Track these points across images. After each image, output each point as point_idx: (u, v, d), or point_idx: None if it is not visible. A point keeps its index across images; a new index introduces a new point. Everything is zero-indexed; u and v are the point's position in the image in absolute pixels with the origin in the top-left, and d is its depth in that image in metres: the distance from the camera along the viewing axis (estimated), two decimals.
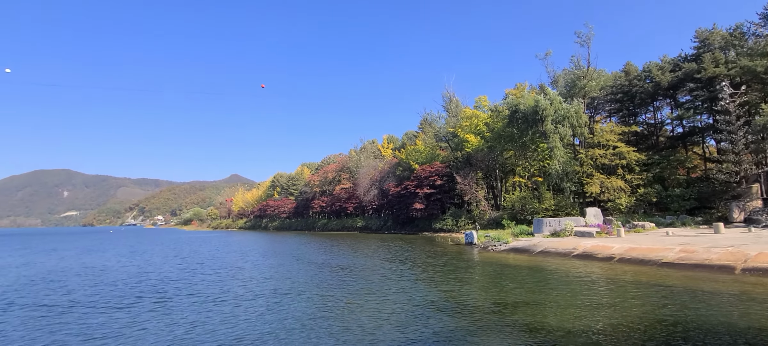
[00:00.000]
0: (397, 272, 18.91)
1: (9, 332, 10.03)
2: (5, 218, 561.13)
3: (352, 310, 11.58)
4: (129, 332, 9.96)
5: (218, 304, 13.10)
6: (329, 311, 11.59)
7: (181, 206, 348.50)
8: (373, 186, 72.23)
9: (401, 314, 10.89)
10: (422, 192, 56.20)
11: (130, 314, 11.72)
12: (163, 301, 13.56)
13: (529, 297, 12.45)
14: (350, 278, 17.27)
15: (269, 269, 21.52)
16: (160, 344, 8.99)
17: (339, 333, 9.24)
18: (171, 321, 10.96)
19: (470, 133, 52.06)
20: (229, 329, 10.08)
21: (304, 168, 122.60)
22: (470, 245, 32.37)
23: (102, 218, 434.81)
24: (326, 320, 10.41)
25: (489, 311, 10.86)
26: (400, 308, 11.53)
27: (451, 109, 59.21)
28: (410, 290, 14.22)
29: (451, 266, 20.33)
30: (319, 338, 8.99)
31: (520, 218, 39.54)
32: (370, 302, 12.44)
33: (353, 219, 79.11)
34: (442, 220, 52.82)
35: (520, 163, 49.19)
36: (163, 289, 15.68)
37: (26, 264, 26.23)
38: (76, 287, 16.30)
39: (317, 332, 9.37)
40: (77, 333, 9.71)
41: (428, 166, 57.42)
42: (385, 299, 12.76)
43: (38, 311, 12.19)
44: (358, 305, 12.21)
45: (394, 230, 64.25)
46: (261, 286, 16.21)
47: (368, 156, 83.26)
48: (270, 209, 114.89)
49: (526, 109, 39.14)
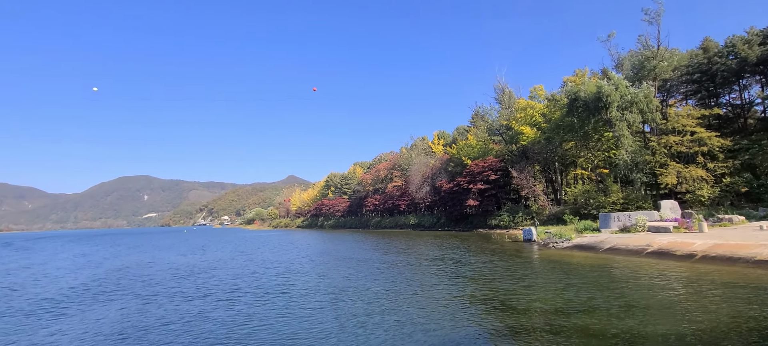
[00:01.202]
0: (452, 269, 18.63)
1: (107, 316, 11.37)
2: (98, 220, 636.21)
3: (405, 306, 11.60)
4: (196, 321, 10.93)
5: (277, 297, 13.86)
6: (382, 306, 11.71)
7: (244, 207, 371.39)
8: (424, 183, 71.83)
9: (456, 311, 10.71)
10: (475, 188, 54.83)
11: (199, 306, 12.76)
12: (228, 294, 14.57)
13: (597, 297, 11.66)
14: (404, 275, 17.32)
15: (325, 265, 22.23)
16: (220, 333, 9.69)
17: (391, 328, 9.31)
18: (233, 313, 11.82)
19: (525, 124, 49.81)
20: (286, 321, 10.68)
21: (357, 167, 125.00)
22: (529, 241, 31.05)
23: (177, 218, 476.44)
24: (379, 316, 10.52)
25: (552, 311, 10.33)
26: (455, 305, 11.35)
27: (504, 100, 57.08)
28: (466, 287, 13.94)
29: (509, 264, 19.63)
30: (371, 332, 9.13)
31: (583, 212, 37.15)
32: (424, 299, 12.38)
33: (406, 216, 79.27)
34: (498, 216, 51.15)
35: (581, 154, 46.17)
36: (229, 283, 16.82)
37: (124, 260, 29.52)
38: (160, 280, 18.02)
39: (370, 327, 9.52)
40: (155, 321, 10.72)
41: (481, 161, 55.87)
42: (440, 296, 12.63)
43: (130, 300, 13.66)
44: (412, 301, 12.20)
45: (447, 227, 63.41)
46: (317, 282, 16.79)
47: (419, 153, 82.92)
48: (325, 208, 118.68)
49: (588, 96, 36.58)
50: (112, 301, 14.07)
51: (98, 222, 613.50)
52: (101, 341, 9.37)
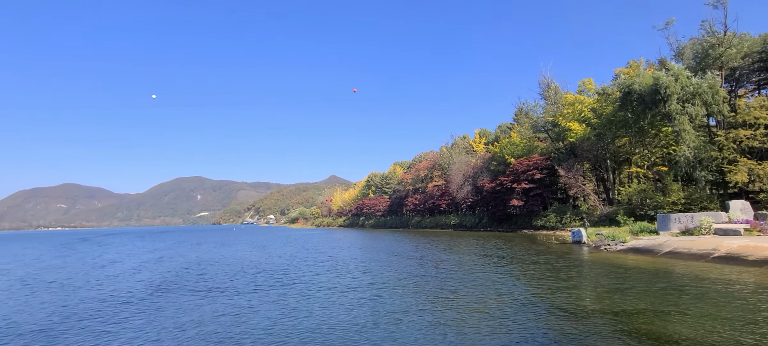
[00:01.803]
0: (495, 270, 18.16)
1: (160, 309, 12.27)
2: (157, 218, 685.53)
3: (442, 305, 11.45)
4: (244, 313, 11.54)
5: (319, 292, 14.32)
6: (421, 305, 11.63)
7: (289, 206, 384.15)
8: (466, 182, 70.58)
9: (497, 312, 10.43)
10: (520, 187, 53.07)
11: (247, 299, 13.41)
12: (274, 288, 15.18)
13: (657, 304, 10.88)
14: (444, 275, 17.12)
15: (366, 263, 22.49)
16: (265, 324, 10.15)
17: (425, 326, 9.24)
18: (278, 305, 12.34)
19: (573, 120, 47.47)
20: (326, 314, 11.08)
21: (397, 167, 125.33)
22: (578, 243, 29.60)
23: (226, 217, 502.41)
24: (415, 313, 10.47)
25: (604, 317, 9.78)
26: (495, 306, 11.05)
27: (550, 96, 54.73)
28: (509, 288, 13.53)
29: (557, 266, 18.80)
30: (405, 328, 9.12)
31: (639, 213, 34.78)
32: (463, 298, 12.15)
33: (446, 216, 78.34)
34: (544, 216, 49.19)
35: (636, 151, 43.26)
36: (275, 278, 17.50)
37: (186, 257, 31.74)
38: (212, 275, 19.14)
39: (405, 324, 9.51)
40: (208, 313, 11.40)
41: (525, 159, 53.98)
42: (480, 297, 12.35)
43: (188, 293, 14.65)
44: (451, 300, 12.02)
45: (489, 227, 61.92)
46: (358, 278, 17.02)
47: (460, 152, 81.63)
48: (366, 207, 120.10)
49: (643, 89, 34.19)
50: (171, 293, 15.13)
51: (157, 220, 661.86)
52: (162, 331, 10.11)
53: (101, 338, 9.58)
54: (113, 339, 9.43)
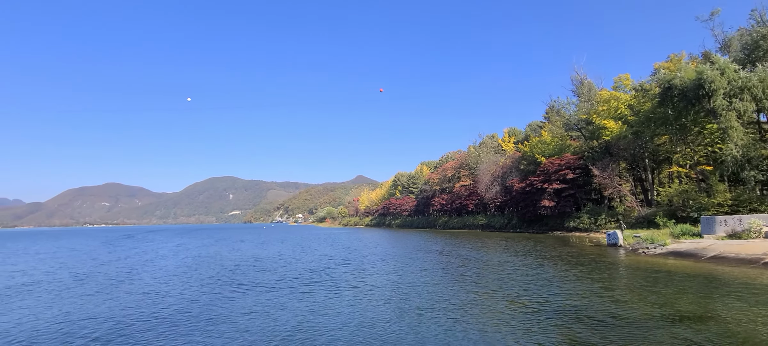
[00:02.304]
0: (525, 271, 17.72)
1: (201, 299, 12.79)
2: (192, 216, 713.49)
3: (469, 305, 11.28)
4: (273, 309, 11.89)
5: (347, 290, 14.53)
6: (446, 304, 11.50)
7: (316, 206, 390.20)
8: (494, 182, 69.28)
9: (526, 316, 10.17)
10: (551, 187, 51.55)
11: (278, 296, 13.76)
12: (302, 285, 15.46)
13: (703, 311, 10.29)
14: (471, 274, 16.88)
15: (393, 263, 22.50)
16: (293, 320, 10.37)
17: (448, 325, 9.14)
18: (306, 302, 12.63)
19: (609, 118, 45.61)
20: (354, 311, 11.23)
21: (424, 167, 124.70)
22: (614, 246, 28.43)
23: (257, 216, 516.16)
24: (442, 312, 10.37)
25: (644, 324, 9.35)
26: (525, 308, 10.77)
27: (583, 93, 52.90)
28: (539, 290, 13.16)
29: (591, 269, 18.13)
30: (428, 328, 9.05)
31: (680, 215, 32.99)
32: (489, 300, 11.93)
33: (474, 217, 77.21)
34: (577, 218, 47.55)
35: (677, 149, 41.04)
36: (304, 276, 17.83)
37: (224, 253, 33.02)
38: (246, 271, 19.76)
39: (429, 323, 9.45)
40: (240, 308, 11.78)
41: (557, 158, 52.37)
42: (509, 298, 12.07)
43: (222, 287, 15.21)
44: (478, 301, 11.83)
45: (519, 228, 60.52)
46: (385, 278, 17.06)
47: (488, 151, 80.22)
48: (392, 207, 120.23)
49: (685, 84, 32.39)
50: (202, 287, 15.75)
51: (192, 218, 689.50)
52: (196, 323, 10.55)
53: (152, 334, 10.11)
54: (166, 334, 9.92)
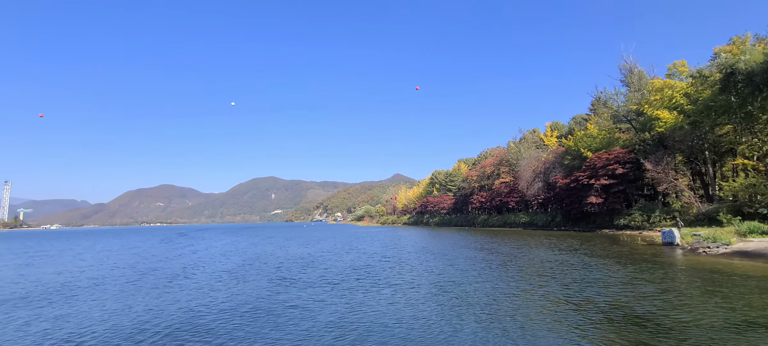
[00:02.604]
0: (570, 271, 16.89)
1: (244, 291, 13.34)
2: (238, 215, 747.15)
3: (510, 305, 10.88)
4: (312, 304, 12.20)
5: (386, 288, 14.62)
6: (487, 303, 11.16)
7: (354, 205, 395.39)
8: (536, 179, 66.81)
9: (570, 317, 9.65)
10: (598, 183, 48.92)
11: (319, 292, 14.04)
12: (341, 282, 15.66)
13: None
14: (513, 274, 16.30)
15: (431, 261, 22.25)
16: (333, 316, 10.56)
17: (488, 326, 8.85)
18: (345, 299, 12.83)
19: (662, 108, 42.51)
20: (393, 310, 11.25)
21: (461, 164, 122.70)
22: (670, 245, 26.52)
23: (298, 214, 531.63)
24: (484, 312, 10.08)
25: (709, 332, 8.62)
26: (569, 310, 10.23)
27: (633, 82, 49.63)
28: (583, 291, 12.47)
29: (645, 269, 16.97)
30: (468, 326, 8.82)
31: (747, 211, 30.13)
32: (532, 300, 11.43)
33: (516, 214, 74.91)
34: (628, 215, 44.79)
35: (742, 140, 37.49)
36: (343, 273, 18.07)
37: (265, 250, 34.42)
38: (289, 267, 20.39)
39: (466, 323, 9.21)
40: (282, 302, 12.14)
41: (605, 152, 49.58)
42: (551, 299, 11.53)
43: (264, 282, 15.79)
44: (519, 301, 11.38)
45: (564, 226, 57.98)
46: (424, 276, 16.88)
47: (529, 147, 77.51)
48: (430, 205, 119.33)
49: (752, 68, 29.50)
50: (244, 283, 16.40)
51: (238, 217, 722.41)
52: (241, 315, 11.00)
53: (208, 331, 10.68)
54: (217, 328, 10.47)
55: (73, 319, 11.32)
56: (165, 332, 9.72)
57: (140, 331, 9.89)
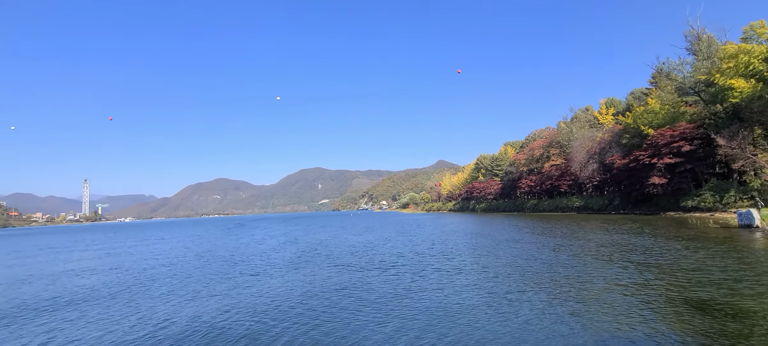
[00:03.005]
0: (630, 255, 15.92)
1: (297, 278, 14.07)
2: (287, 206, 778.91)
3: (564, 293, 10.50)
4: (359, 288, 12.69)
5: (432, 273, 14.82)
6: (538, 289, 10.87)
7: (399, 192, 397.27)
8: (590, 160, 63.18)
9: (627, 302, 9.17)
10: (661, 163, 45.34)
11: (366, 275, 14.55)
12: (388, 268, 16.02)
13: None
14: (567, 259, 15.66)
15: (479, 246, 21.92)
16: (382, 298, 10.96)
17: (540, 312, 8.63)
18: (392, 283, 13.18)
19: (737, 76, 38.26)
20: (437, 295, 11.42)
21: (508, 147, 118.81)
22: (748, 227, 24.21)
23: (344, 203, 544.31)
24: (535, 298, 9.84)
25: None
26: (633, 297, 9.72)
27: (701, 50, 45.06)
28: (644, 275, 11.75)
29: (718, 254, 15.62)
30: (516, 312, 8.66)
31: None
32: (590, 286, 10.96)
33: (568, 198, 71.55)
34: (697, 196, 41.23)
35: None
36: (390, 260, 18.37)
37: (318, 238, 35.95)
38: (339, 255, 21.16)
39: (517, 308, 9.04)
40: (334, 285, 12.65)
41: (668, 129, 45.73)
42: (610, 283, 11.00)
43: (318, 268, 16.55)
44: (574, 288, 10.96)
45: (623, 209, 54.56)
46: (471, 261, 16.69)
47: (582, 126, 73.25)
48: (476, 190, 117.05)
49: None
50: (300, 268, 17.25)
51: (287, 207, 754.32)
52: (296, 295, 11.66)
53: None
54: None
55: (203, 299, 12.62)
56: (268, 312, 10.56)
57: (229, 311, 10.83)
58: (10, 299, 14.22)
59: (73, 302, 13.14)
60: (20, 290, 16.04)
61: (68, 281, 17.78)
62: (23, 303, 13.46)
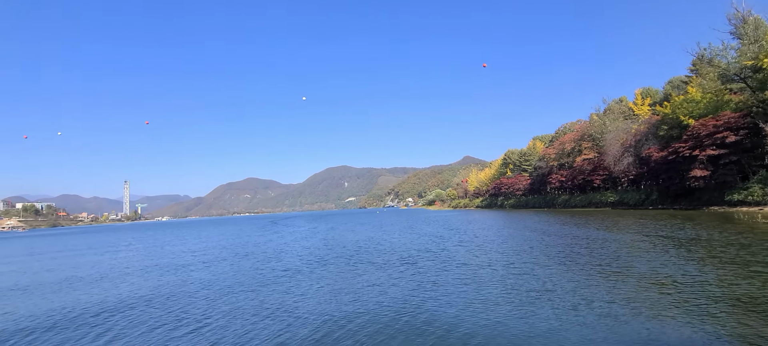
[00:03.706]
0: (671, 253, 15.25)
1: (326, 276, 14.38)
2: (315, 204, 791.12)
3: (595, 290, 10.20)
4: (385, 284, 12.68)
5: (458, 268, 14.93)
6: (567, 287, 10.61)
7: (425, 189, 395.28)
8: (625, 153, 60.72)
9: (679, 304, 8.82)
10: (703, 155, 43.01)
11: (387, 272, 14.74)
12: (411, 263, 16.06)
13: None
14: (600, 254, 15.17)
15: (512, 243, 21.59)
16: (409, 293, 10.98)
17: (567, 308, 8.42)
18: (417, 278, 13.37)
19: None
20: (462, 289, 11.57)
21: (537, 142, 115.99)
22: None
23: (370, 201, 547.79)
24: (564, 297, 9.61)
25: None
26: (673, 295, 9.33)
27: (747, 33, 42.30)
28: (690, 274, 11.23)
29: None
30: (539, 308, 8.50)
31: None
32: (623, 284, 10.58)
33: (602, 193, 69.10)
34: (744, 189, 38.90)
35: None
36: (412, 256, 18.42)
37: (346, 237, 36.55)
38: (370, 251, 21.44)
39: (538, 304, 8.87)
40: (362, 281, 12.86)
41: (711, 118, 43.29)
42: (651, 281, 10.60)
43: (342, 266, 16.85)
44: (606, 285, 10.61)
45: (661, 204, 52.18)
46: (503, 259, 16.46)
47: (616, 118, 70.43)
48: (504, 186, 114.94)
49: None
50: (326, 266, 17.59)
51: (315, 206, 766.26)
52: (324, 294, 11.95)
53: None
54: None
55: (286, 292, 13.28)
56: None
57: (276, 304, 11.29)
58: (137, 291, 15.29)
59: (253, 288, 14.06)
60: (161, 280, 17.20)
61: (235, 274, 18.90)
62: (171, 292, 14.43)
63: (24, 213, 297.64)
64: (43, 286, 17.49)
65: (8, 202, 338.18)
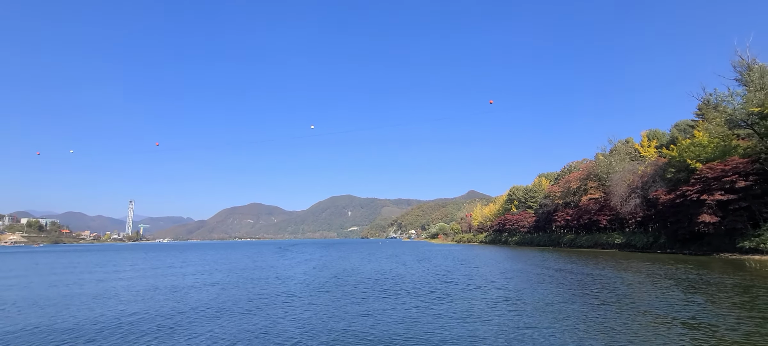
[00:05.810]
0: (682, 300, 14.71)
1: (331, 303, 13.95)
2: (317, 232, 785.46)
3: (599, 328, 9.77)
4: (389, 314, 12.18)
5: (459, 302, 14.20)
6: (570, 323, 10.18)
7: (429, 222, 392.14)
8: (632, 194, 60.08)
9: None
10: (711, 199, 42.39)
11: (392, 303, 14.13)
12: (415, 295, 15.59)
13: None
14: (610, 297, 14.64)
15: (513, 280, 21.03)
16: (402, 326, 10.68)
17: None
18: (419, 309, 12.65)
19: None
20: (466, 326, 10.85)
21: (542, 179, 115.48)
22: None
23: (373, 231, 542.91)
24: (563, 332, 9.17)
25: None
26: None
27: (753, 80, 42.65)
28: (706, 321, 10.74)
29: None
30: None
31: None
32: (636, 325, 10.14)
33: (608, 234, 67.88)
34: (755, 236, 38.04)
35: None
36: (416, 289, 17.96)
37: (345, 267, 35.96)
38: (367, 285, 20.96)
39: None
40: (391, 307, 12.45)
41: (719, 163, 42.96)
42: (661, 322, 10.13)
43: (350, 294, 16.41)
44: (616, 325, 10.18)
45: (669, 248, 51.05)
46: (503, 294, 16.03)
47: (622, 159, 70.21)
48: (509, 223, 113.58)
49: None
50: (327, 292, 17.16)
51: (317, 234, 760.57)
52: (328, 318, 11.56)
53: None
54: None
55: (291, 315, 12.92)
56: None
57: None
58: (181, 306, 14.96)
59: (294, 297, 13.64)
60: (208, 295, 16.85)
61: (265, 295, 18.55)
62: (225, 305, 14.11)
63: (27, 229, 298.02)
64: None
65: (14, 216, 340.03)
